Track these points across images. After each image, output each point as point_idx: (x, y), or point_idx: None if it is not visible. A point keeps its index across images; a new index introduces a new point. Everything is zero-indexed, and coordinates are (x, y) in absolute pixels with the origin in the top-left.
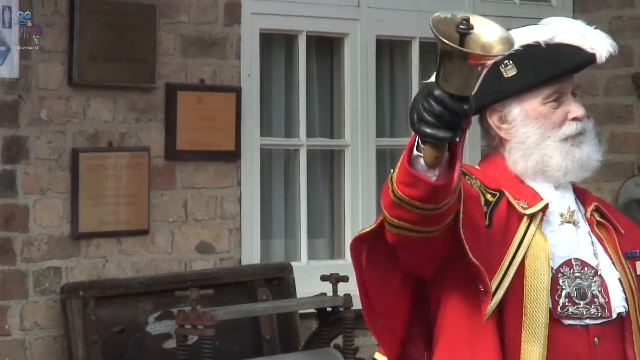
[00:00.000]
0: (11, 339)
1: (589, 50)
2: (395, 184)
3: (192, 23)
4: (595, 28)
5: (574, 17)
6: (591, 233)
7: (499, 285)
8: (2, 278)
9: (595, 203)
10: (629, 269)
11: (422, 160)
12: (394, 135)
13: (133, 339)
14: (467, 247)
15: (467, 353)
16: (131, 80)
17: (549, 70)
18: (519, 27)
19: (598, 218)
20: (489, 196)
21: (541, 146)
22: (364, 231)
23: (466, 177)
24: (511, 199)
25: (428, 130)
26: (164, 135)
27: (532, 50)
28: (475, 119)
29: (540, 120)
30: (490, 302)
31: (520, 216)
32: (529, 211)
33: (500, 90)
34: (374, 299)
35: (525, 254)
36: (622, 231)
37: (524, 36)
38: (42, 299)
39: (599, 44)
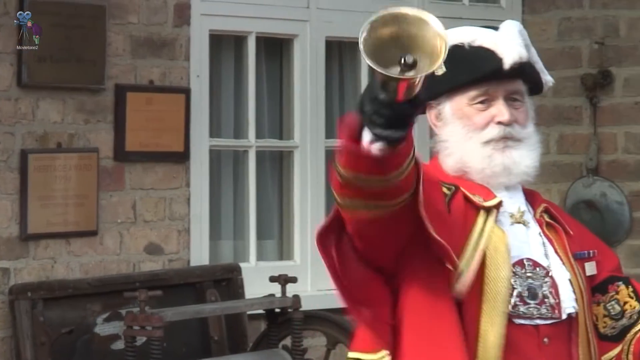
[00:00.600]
0: None
1: (499, 55)
2: (339, 164)
3: (142, 24)
4: (518, 32)
5: (523, 19)
6: (541, 234)
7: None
8: None
9: (545, 204)
10: (577, 270)
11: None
12: None
13: (81, 340)
14: (428, 225)
15: (431, 341)
16: (80, 81)
17: (468, 73)
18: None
19: (547, 219)
20: (444, 189)
21: (463, 146)
22: (323, 224)
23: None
24: (467, 193)
25: (380, 131)
26: (113, 137)
27: (458, 51)
28: None
29: (464, 120)
30: (458, 281)
31: (477, 209)
32: (487, 204)
33: (433, 88)
34: (354, 291)
35: (486, 244)
36: (571, 232)
37: (454, 34)
38: None
39: (507, 51)
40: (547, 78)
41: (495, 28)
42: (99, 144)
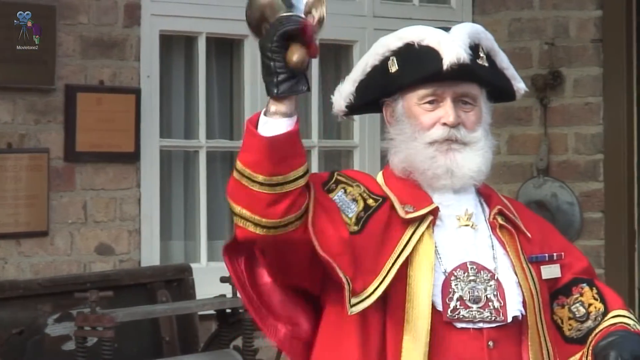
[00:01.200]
0: None
1: (442, 55)
2: (237, 159)
3: (92, 24)
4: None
5: (474, 19)
6: (492, 236)
7: (377, 288)
8: None
9: (499, 207)
10: (530, 272)
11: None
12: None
13: (32, 341)
14: (315, 242)
15: (333, 353)
16: (30, 81)
17: (415, 71)
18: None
19: (501, 222)
20: (370, 201)
21: (408, 146)
22: (230, 239)
23: (340, 185)
24: (396, 204)
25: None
26: (63, 137)
27: (409, 49)
28: None
29: (412, 119)
30: (358, 300)
31: (405, 221)
32: (410, 216)
33: (388, 85)
34: (272, 308)
35: (410, 259)
36: (529, 235)
37: (406, 33)
38: None
39: (448, 51)
40: (520, 85)
41: (446, 29)
42: (50, 145)
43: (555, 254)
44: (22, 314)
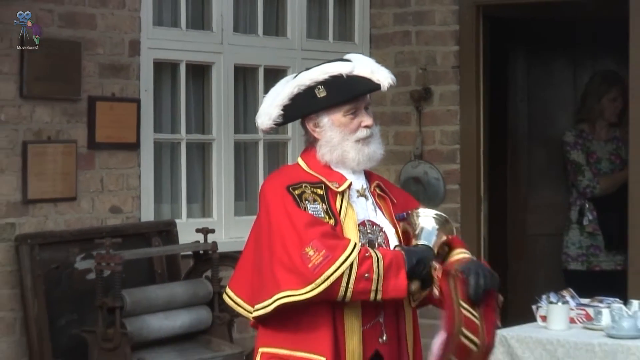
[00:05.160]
0: None
1: (376, 81)
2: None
3: (106, 54)
4: (381, 65)
5: (370, 52)
6: (374, 203)
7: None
8: None
9: (377, 182)
10: (397, 227)
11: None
12: (248, 132)
13: (65, 272)
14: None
15: None
16: (64, 94)
17: (347, 93)
18: (331, 60)
19: (379, 192)
20: (318, 190)
21: (342, 145)
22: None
23: (300, 198)
24: (327, 183)
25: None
26: (87, 132)
27: (336, 79)
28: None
29: (341, 127)
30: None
31: (336, 193)
32: (340, 189)
33: (315, 105)
34: None
35: (344, 216)
36: (395, 201)
37: (332, 69)
38: (2, 245)
39: (383, 77)
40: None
41: (344, 60)
42: (77, 137)
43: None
44: (58, 254)
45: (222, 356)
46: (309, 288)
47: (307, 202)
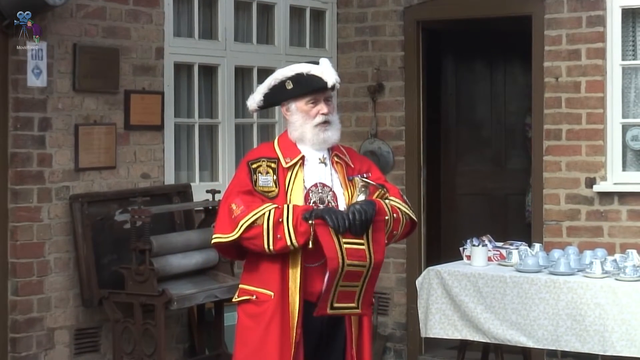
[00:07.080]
0: (43, 223)
1: (325, 80)
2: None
3: (138, 58)
4: (343, 67)
5: (337, 56)
6: (332, 168)
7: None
8: (38, 191)
9: (336, 152)
10: (349, 187)
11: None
12: (245, 117)
13: (108, 223)
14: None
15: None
16: (106, 87)
17: (305, 87)
18: (304, 62)
19: (336, 159)
20: (272, 164)
21: (303, 128)
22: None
23: (256, 170)
24: (281, 159)
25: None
26: (123, 117)
27: (299, 76)
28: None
29: (303, 113)
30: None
31: (286, 168)
32: (288, 165)
33: (284, 95)
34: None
35: (293, 183)
36: (353, 166)
37: (297, 68)
38: (59, 203)
39: (330, 78)
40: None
41: (317, 62)
42: (116, 121)
43: (364, 173)
44: (102, 209)
45: (226, 286)
46: (233, 233)
47: (259, 174)
